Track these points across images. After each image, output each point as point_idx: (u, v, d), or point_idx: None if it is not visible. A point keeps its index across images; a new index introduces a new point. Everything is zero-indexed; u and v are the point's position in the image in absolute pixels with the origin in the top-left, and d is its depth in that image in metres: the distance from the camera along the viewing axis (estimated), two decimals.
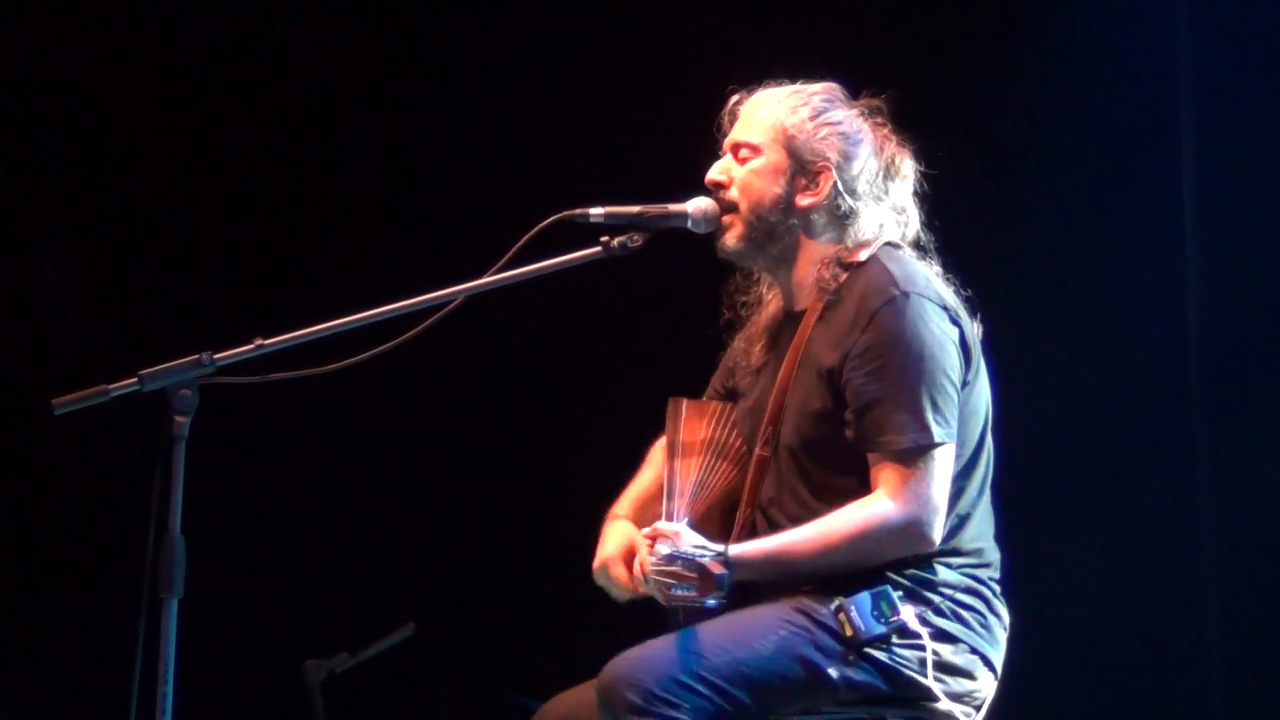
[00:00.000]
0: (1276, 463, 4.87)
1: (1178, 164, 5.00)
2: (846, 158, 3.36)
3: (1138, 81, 5.03)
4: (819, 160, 3.34)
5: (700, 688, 3.12)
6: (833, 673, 3.16)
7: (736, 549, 3.21)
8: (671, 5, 5.50)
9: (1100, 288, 5.05)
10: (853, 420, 3.24)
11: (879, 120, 3.43)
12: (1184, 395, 4.98)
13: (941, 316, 3.25)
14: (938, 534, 3.20)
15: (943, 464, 3.20)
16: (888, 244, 3.36)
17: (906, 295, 3.23)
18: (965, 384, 3.28)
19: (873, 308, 3.24)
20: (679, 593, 3.14)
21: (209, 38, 5.67)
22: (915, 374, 3.19)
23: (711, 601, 3.17)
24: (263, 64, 5.66)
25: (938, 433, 3.18)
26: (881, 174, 3.39)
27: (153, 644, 3.03)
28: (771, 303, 3.49)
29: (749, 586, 3.27)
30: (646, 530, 3.26)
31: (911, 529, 3.18)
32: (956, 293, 3.39)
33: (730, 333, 3.57)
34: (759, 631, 3.18)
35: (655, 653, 3.17)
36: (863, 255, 3.33)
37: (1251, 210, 4.95)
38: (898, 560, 3.21)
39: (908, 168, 3.43)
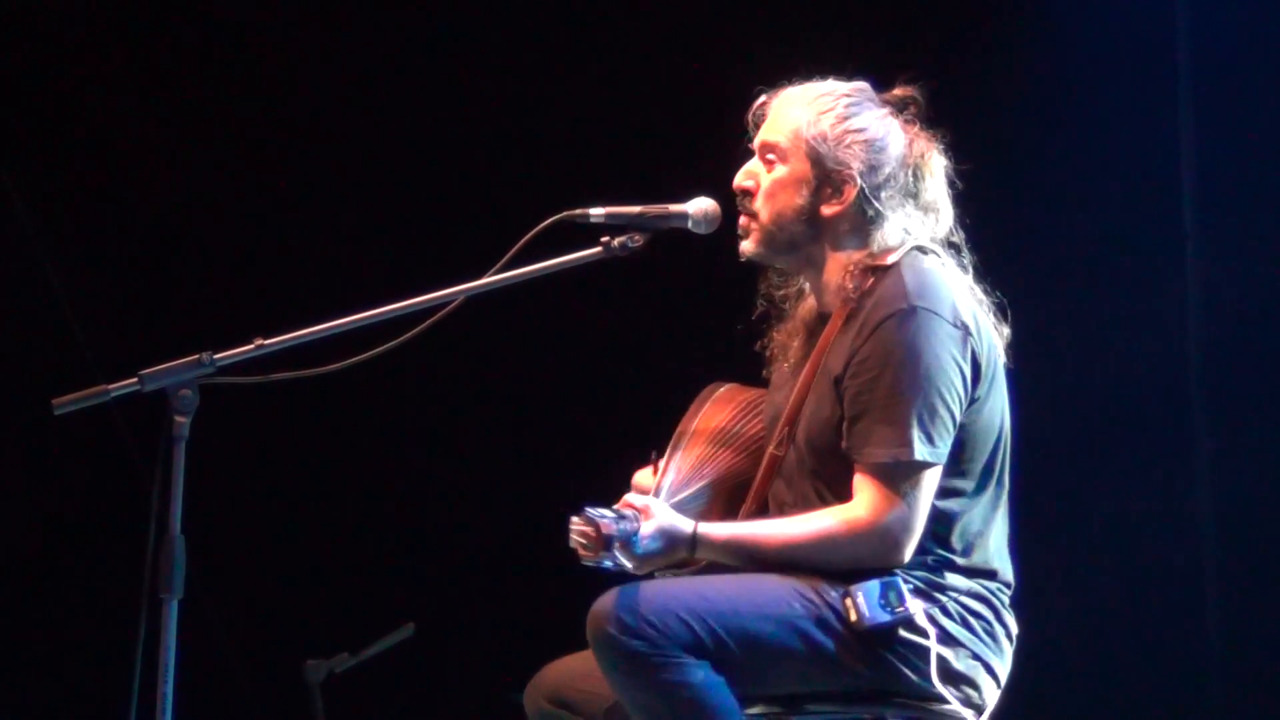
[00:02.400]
0: (1277, 466, 4.87)
1: (1178, 164, 5.00)
2: (872, 166, 3.30)
3: (1138, 81, 5.03)
4: (843, 169, 3.29)
5: (694, 624, 3.10)
6: (828, 653, 3.15)
7: (704, 528, 3.22)
8: (672, 5, 5.50)
9: (1099, 291, 5.05)
10: (845, 429, 3.23)
11: (910, 116, 3.38)
12: (1184, 399, 4.98)
13: (950, 335, 3.20)
14: (907, 551, 3.17)
15: (923, 482, 3.17)
16: (916, 248, 3.31)
17: (914, 310, 3.19)
18: (974, 401, 3.24)
19: (879, 319, 3.21)
20: (586, 550, 3.17)
21: (209, 38, 5.67)
22: (907, 390, 3.16)
23: (607, 563, 3.16)
24: (263, 64, 5.66)
25: (919, 450, 3.15)
26: (911, 174, 3.34)
27: (153, 644, 3.02)
28: (810, 297, 3.46)
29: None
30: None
31: (878, 542, 3.16)
32: (989, 295, 3.36)
33: (765, 324, 3.53)
34: (765, 595, 3.17)
35: (654, 586, 3.17)
36: (889, 260, 3.29)
37: (1251, 211, 4.95)
38: (909, 564, 3.19)
39: (937, 164, 3.37)
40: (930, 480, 3.18)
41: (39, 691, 5.46)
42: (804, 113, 3.33)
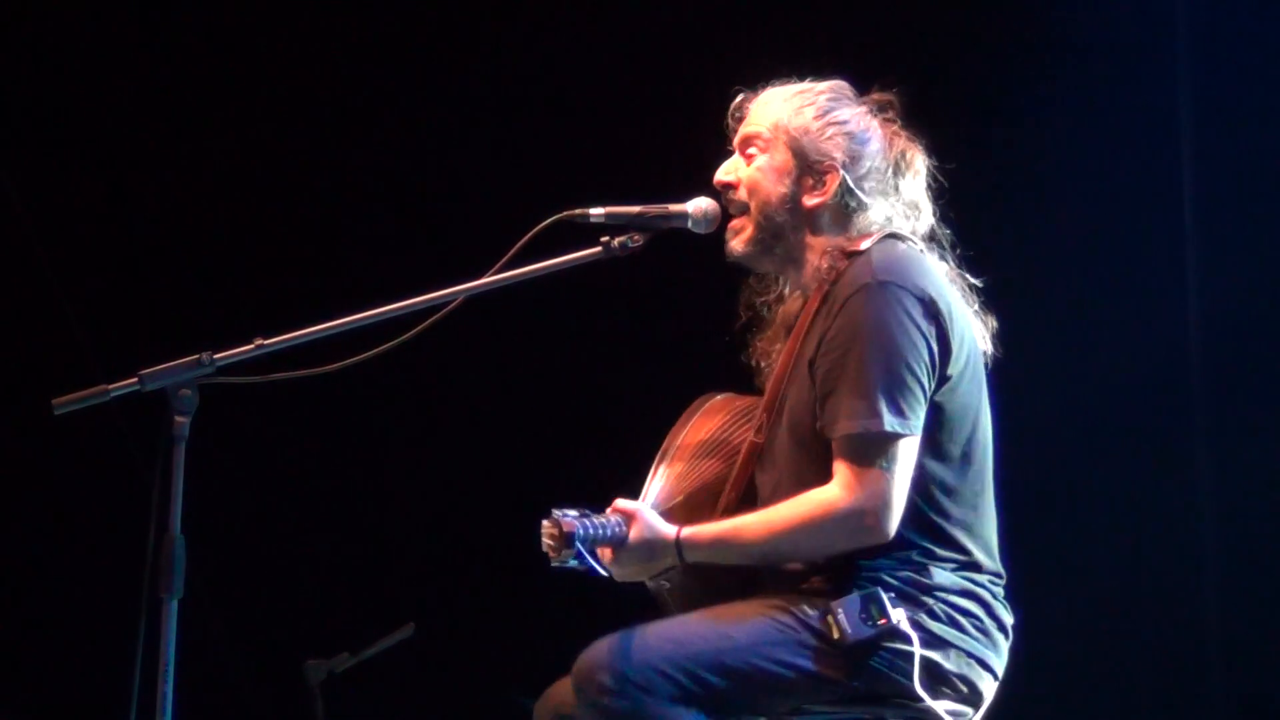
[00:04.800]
0: (1277, 466, 4.87)
1: (1178, 164, 5.00)
2: (853, 157, 3.33)
3: (1138, 81, 5.04)
4: (825, 160, 3.32)
5: (675, 674, 3.11)
6: (815, 674, 3.14)
7: (687, 531, 3.23)
8: (671, 4, 5.50)
9: (1099, 291, 5.06)
10: (819, 409, 3.22)
11: (888, 116, 3.41)
12: (1184, 399, 4.98)
13: (917, 308, 3.19)
14: (889, 526, 3.14)
15: (898, 454, 3.14)
16: (890, 235, 3.33)
17: (881, 284, 3.19)
18: (947, 379, 3.22)
19: (845, 296, 3.22)
20: (553, 551, 3.20)
21: (209, 38, 5.68)
22: (873, 362, 3.15)
23: (571, 562, 3.19)
24: (263, 64, 5.66)
25: (888, 421, 3.12)
26: (890, 170, 3.36)
27: (153, 644, 3.03)
28: (792, 299, 3.47)
29: (747, 580, 3.27)
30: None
31: (858, 520, 3.14)
32: (971, 286, 3.38)
33: (749, 335, 3.55)
34: (742, 626, 3.17)
35: (632, 639, 3.16)
36: (863, 245, 3.30)
37: (1252, 211, 4.95)
38: (893, 562, 3.19)
39: (919, 163, 3.40)
40: (905, 452, 3.16)
41: (39, 691, 5.46)
42: (784, 107, 3.37)
